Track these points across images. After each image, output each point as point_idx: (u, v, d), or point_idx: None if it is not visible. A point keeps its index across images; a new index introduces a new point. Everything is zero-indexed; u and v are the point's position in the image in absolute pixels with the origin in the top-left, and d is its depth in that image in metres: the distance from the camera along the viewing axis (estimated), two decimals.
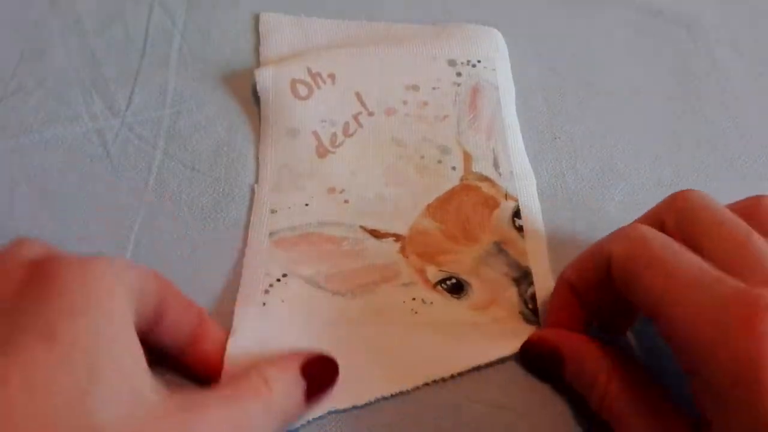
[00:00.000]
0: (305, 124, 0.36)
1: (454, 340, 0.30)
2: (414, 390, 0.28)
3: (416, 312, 0.31)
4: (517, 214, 0.34)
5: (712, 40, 0.43)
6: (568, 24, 0.43)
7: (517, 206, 0.34)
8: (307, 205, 0.33)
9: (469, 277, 0.32)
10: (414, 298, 0.31)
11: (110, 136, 0.36)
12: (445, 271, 0.32)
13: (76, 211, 0.33)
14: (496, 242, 0.33)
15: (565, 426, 0.28)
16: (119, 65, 0.39)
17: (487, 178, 0.35)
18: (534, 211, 0.34)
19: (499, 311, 0.31)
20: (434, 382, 0.28)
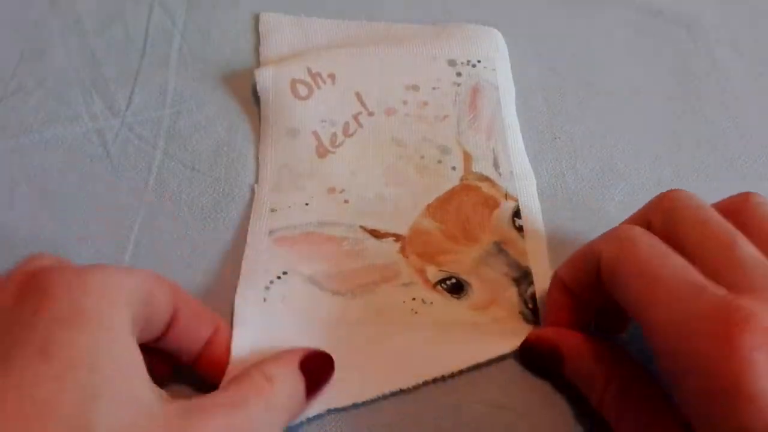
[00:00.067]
0: (305, 124, 0.36)
1: (454, 340, 0.30)
2: (414, 390, 0.28)
3: (416, 312, 0.31)
4: (517, 214, 0.34)
5: (712, 40, 0.43)
6: (568, 24, 0.43)
7: (517, 206, 0.34)
8: (307, 204, 0.33)
9: (469, 277, 0.32)
10: (414, 298, 0.31)
11: (110, 136, 0.36)
12: (445, 271, 0.32)
13: (76, 211, 0.33)
14: (496, 242, 0.33)
15: (565, 426, 0.28)
16: (119, 65, 0.39)
17: (487, 178, 0.35)
18: (534, 211, 0.34)
19: (499, 311, 0.31)
20: (434, 382, 0.28)
